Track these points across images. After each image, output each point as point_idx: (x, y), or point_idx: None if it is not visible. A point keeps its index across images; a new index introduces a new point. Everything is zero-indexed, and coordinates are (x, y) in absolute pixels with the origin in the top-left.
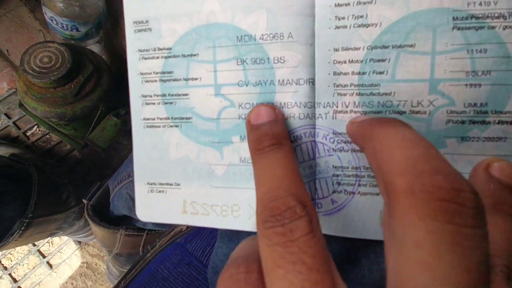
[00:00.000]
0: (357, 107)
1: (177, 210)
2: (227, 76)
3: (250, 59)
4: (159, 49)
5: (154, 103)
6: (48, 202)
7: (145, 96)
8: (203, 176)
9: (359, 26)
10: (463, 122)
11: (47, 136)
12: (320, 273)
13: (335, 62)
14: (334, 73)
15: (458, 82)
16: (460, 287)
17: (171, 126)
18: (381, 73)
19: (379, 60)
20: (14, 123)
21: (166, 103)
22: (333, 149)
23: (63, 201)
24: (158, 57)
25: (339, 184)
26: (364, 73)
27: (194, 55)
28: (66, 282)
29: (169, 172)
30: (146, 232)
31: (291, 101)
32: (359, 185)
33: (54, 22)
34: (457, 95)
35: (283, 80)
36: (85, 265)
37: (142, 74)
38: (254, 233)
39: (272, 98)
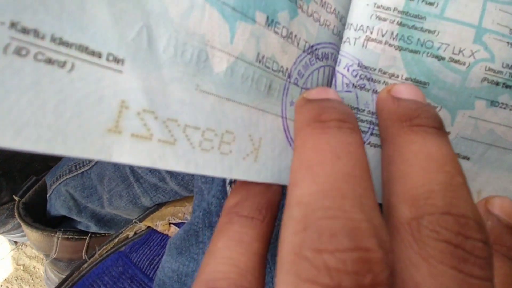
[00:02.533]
0: (394, 39)
1: (95, 122)
2: None
3: None
4: None
5: None
6: None
7: None
8: (185, 62)
9: None
10: (497, 83)
11: None
12: None
13: None
14: None
15: (502, 37)
16: None
17: None
18: (431, 4)
19: None
20: None
21: None
22: (353, 84)
23: None
24: None
25: None
26: None
27: None
28: (1, 286)
29: (97, 18)
30: (89, 235)
31: (331, 3)
32: (371, 134)
33: None
34: (498, 52)
35: None
36: (21, 268)
37: None
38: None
39: None
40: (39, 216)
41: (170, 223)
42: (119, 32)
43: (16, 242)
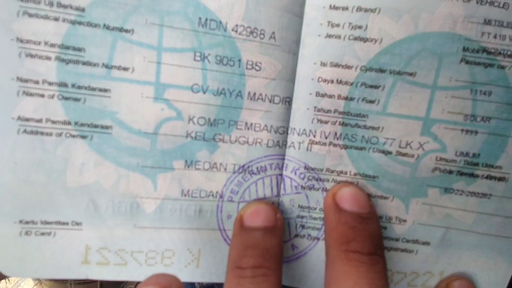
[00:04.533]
0: (337, 139)
1: (73, 260)
2: (177, 75)
3: (215, 56)
4: (62, 5)
5: (43, 95)
6: None
7: (25, 81)
8: (122, 213)
9: (355, 39)
10: (450, 172)
11: None
12: None
13: (320, 80)
14: (317, 94)
15: (455, 125)
16: None
17: (73, 136)
18: (371, 102)
19: (372, 86)
20: None
21: (66, 99)
22: (302, 186)
23: None
24: (57, 19)
25: (303, 227)
26: (352, 99)
27: (127, 30)
28: None
29: (63, 205)
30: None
31: (260, 122)
32: (325, 231)
33: None
34: (450, 141)
35: (254, 94)
36: None
37: (21, 41)
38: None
39: (237, 115)
40: None
41: None
42: (75, 207)
43: (38, 278)
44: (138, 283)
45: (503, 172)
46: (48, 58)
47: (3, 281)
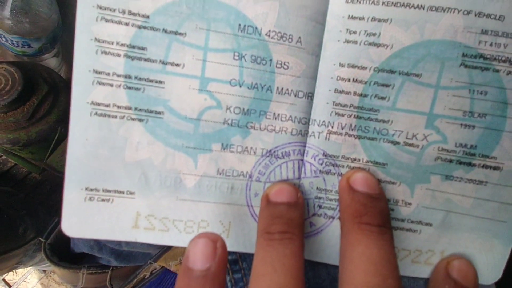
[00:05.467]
0: (352, 130)
1: (126, 224)
2: (219, 70)
3: (250, 56)
4: (131, 13)
5: (112, 85)
6: (2, 239)
7: (99, 73)
8: (167, 186)
9: (370, 44)
10: (451, 161)
11: (3, 157)
12: None
13: (338, 78)
14: (336, 90)
15: (455, 120)
16: None
17: (133, 119)
18: (383, 98)
19: (383, 85)
20: None
21: (129, 88)
22: (320, 170)
23: (20, 235)
24: (127, 24)
25: (320, 207)
26: (366, 96)
27: (180, 34)
28: None
29: (121, 176)
30: (111, 268)
31: (285, 113)
32: (340, 210)
33: (3, 39)
34: (451, 134)
35: (282, 89)
36: None
37: (98, 40)
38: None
39: (266, 106)
40: (64, 254)
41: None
42: (130, 179)
43: (44, 271)
44: (149, 274)
45: (497, 162)
46: (118, 55)
47: (10, 273)
